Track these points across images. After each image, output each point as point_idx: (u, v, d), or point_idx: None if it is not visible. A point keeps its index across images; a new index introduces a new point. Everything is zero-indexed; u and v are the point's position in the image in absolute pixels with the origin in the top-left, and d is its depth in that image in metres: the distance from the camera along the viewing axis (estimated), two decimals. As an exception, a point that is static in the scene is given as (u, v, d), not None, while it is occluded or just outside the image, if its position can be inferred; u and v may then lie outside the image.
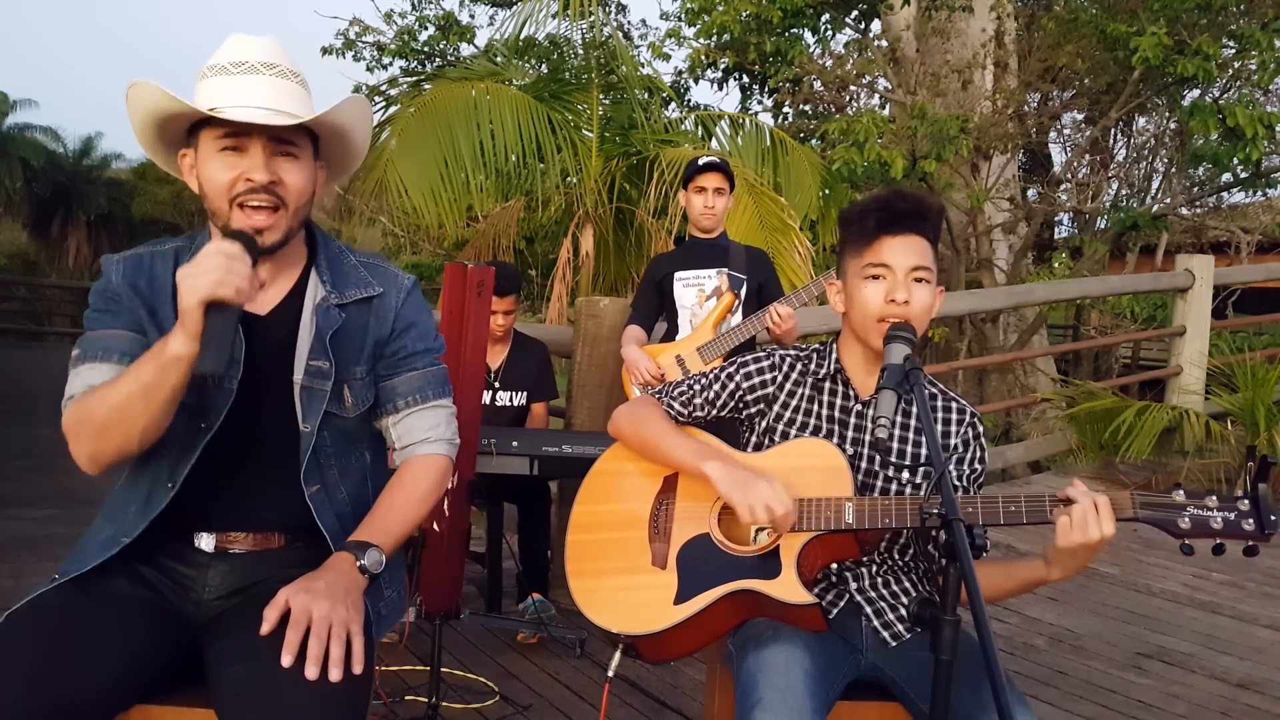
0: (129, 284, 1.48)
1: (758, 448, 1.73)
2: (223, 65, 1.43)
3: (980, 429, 1.72)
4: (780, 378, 1.73)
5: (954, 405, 1.73)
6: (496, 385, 3.63)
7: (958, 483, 1.68)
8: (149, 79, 1.41)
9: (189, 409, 1.45)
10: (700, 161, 3.32)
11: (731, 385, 1.75)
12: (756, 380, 1.74)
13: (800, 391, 1.73)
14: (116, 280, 1.48)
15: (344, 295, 1.57)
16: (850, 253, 1.66)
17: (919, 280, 1.60)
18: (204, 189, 1.45)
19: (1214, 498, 1.41)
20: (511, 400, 3.67)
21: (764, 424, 1.74)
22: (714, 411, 1.77)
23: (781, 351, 1.76)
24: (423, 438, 1.62)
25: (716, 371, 1.78)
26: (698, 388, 1.77)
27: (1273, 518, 1.38)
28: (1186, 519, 1.41)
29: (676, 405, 1.78)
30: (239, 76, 1.41)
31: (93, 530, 1.50)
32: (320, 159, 1.54)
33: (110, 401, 1.35)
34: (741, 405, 1.76)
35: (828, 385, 1.72)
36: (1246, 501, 1.40)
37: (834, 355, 1.73)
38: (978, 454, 1.71)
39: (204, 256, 1.32)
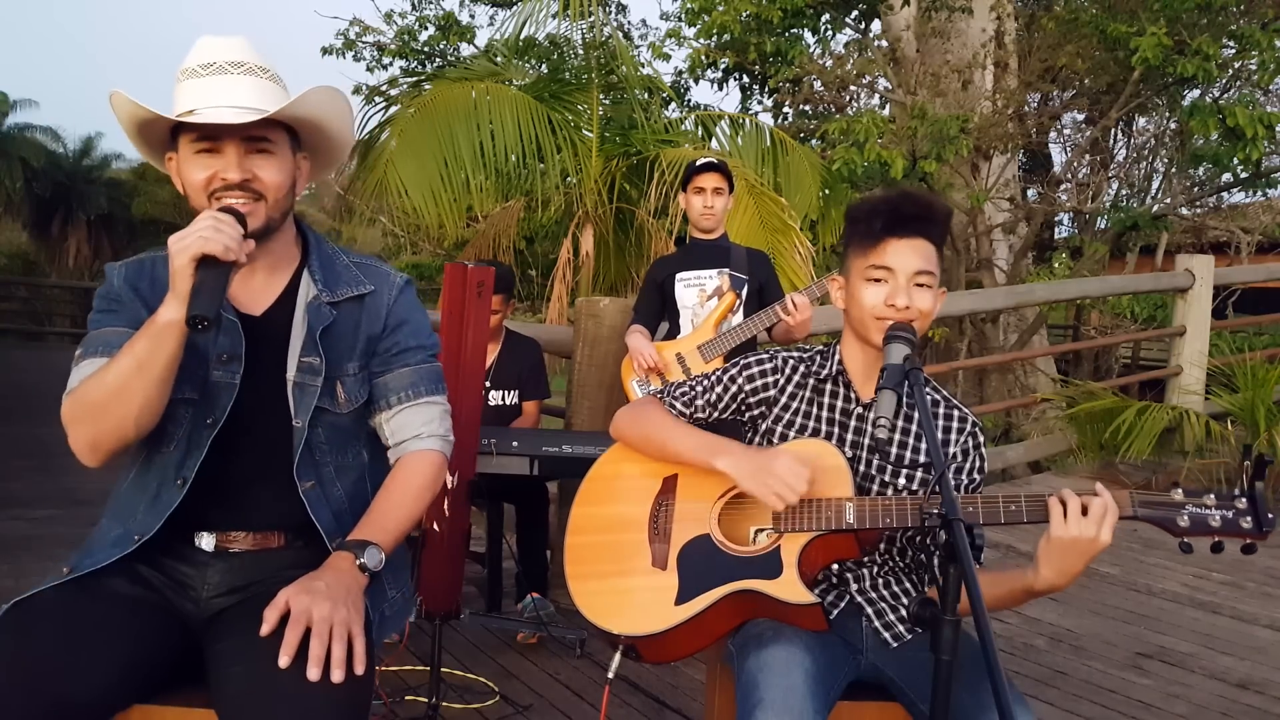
0: (130, 286, 1.53)
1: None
2: (192, 69, 1.46)
3: (981, 439, 1.71)
4: (782, 380, 1.73)
5: (955, 413, 1.71)
6: (488, 384, 3.62)
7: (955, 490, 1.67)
8: (124, 90, 1.45)
9: (194, 405, 1.49)
10: (698, 162, 3.34)
11: (734, 387, 1.75)
12: (759, 382, 1.74)
13: (801, 394, 1.73)
14: (118, 284, 1.54)
15: (335, 293, 1.59)
16: (855, 251, 1.65)
17: (920, 285, 1.59)
18: (185, 189, 1.50)
19: (1212, 496, 1.42)
20: (503, 399, 3.66)
21: (764, 426, 1.74)
22: (716, 413, 1.77)
23: (784, 353, 1.76)
24: (415, 434, 1.62)
25: (719, 373, 1.77)
26: (700, 389, 1.77)
27: (1270, 515, 1.39)
28: (1185, 517, 1.41)
29: (679, 405, 1.78)
30: (208, 78, 1.45)
31: (101, 530, 1.51)
32: (302, 150, 1.57)
33: (105, 380, 1.39)
34: (744, 407, 1.76)
35: (829, 387, 1.72)
36: (1244, 500, 1.41)
37: (837, 356, 1.72)
38: (977, 464, 1.70)
39: (194, 222, 1.37)
